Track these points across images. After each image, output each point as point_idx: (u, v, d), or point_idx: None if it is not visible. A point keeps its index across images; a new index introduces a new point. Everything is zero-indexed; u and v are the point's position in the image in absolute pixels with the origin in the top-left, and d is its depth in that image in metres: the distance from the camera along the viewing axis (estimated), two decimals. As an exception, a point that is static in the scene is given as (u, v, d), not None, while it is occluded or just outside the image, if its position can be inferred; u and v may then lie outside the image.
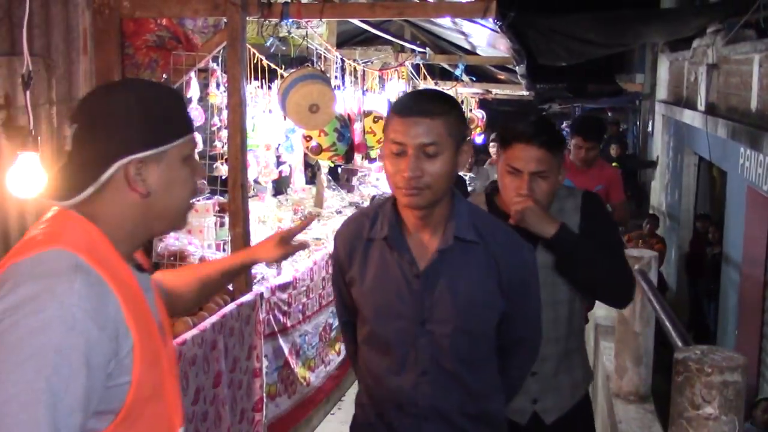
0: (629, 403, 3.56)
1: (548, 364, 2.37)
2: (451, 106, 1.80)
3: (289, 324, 4.22)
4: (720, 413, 1.93)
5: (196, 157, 1.54)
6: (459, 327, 1.86)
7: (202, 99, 4.24)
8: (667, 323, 2.66)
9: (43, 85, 3.34)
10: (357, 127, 5.54)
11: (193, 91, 4.06)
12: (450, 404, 1.90)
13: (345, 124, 5.19)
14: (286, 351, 4.18)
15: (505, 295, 1.89)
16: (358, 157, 5.97)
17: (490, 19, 3.79)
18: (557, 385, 2.40)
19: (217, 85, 4.34)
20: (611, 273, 2.32)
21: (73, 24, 3.50)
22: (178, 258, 3.97)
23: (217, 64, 4.25)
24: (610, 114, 20.58)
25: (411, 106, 1.77)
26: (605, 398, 3.91)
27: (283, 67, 4.97)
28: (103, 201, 1.36)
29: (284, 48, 5.03)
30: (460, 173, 5.56)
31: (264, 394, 3.74)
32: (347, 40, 8.03)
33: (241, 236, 3.58)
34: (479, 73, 11.30)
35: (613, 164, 8.51)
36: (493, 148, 7.70)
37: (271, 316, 3.96)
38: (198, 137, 3.30)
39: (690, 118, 9.05)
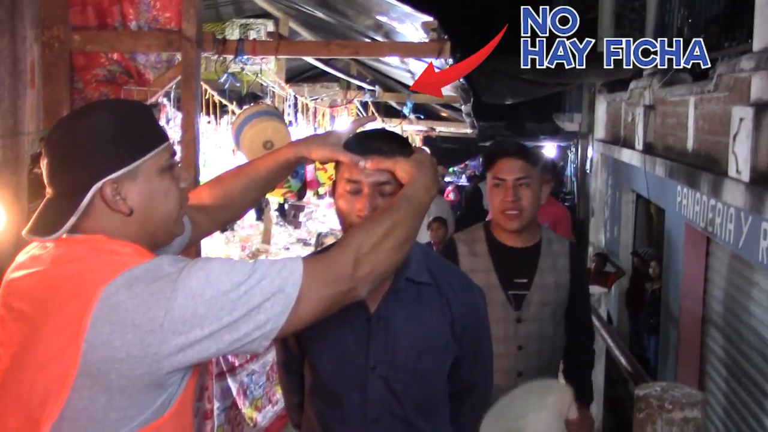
0: (581, 439, 3.58)
1: None
2: (404, 145, 1.78)
3: (237, 363, 4.14)
4: (681, 449, 1.96)
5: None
6: (411, 371, 1.82)
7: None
8: (623, 360, 2.71)
9: (-12, 119, 3.24)
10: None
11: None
12: None
13: (298, 160, 5.17)
14: (234, 391, 4.10)
15: (457, 338, 1.87)
16: (308, 194, 5.96)
17: (443, 60, 3.84)
18: None
19: (167, 121, 4.28)
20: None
21: (20, 57, 3.41)
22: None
23: (168, 100, 4.20)
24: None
25: (365, 145, 1.74)
26: (557, 435, 3.92)
27: (234, 102, 4.94)
28: (94, 226, 1.37)
29: (237, 84, 5.01)
30: None
31: (214, 437, 3.65)
32: (294, 76, 8.05)
33: (192, 274, 3.51)
34: (424, 110, 11.46)
35: None
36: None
37: (220, 356, 3.88)
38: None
39: (628, 156, 9.32)
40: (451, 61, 3.97)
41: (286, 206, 7.41)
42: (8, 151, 3.38)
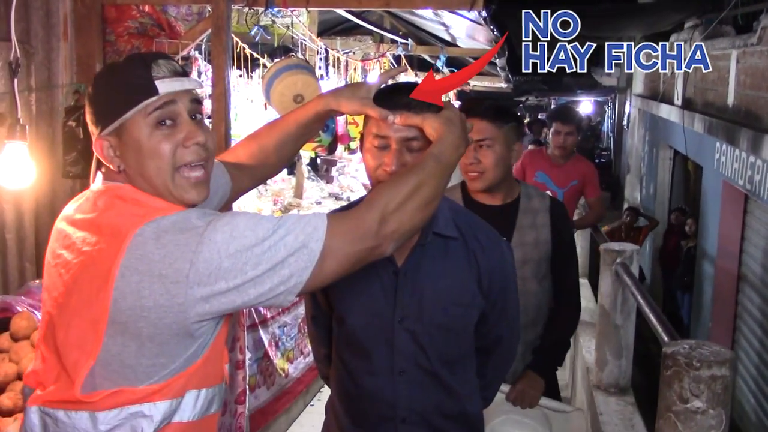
0: (610, 395, 3.58)
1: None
2: None
3: (268, 315, 4.20)
4: (708, 407, 1.95)
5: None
6: (437, 324, 1.82)
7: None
8: (652, 318, 2.69)
9: (23, 72, 3.27)
10: (340, 117, 5.52)
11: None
12: (428, 405, 1.86)
13: (329, 114, 5.17)
14: (266, 342, 4.16)
15: (484, 292, 1.87)
16: (339, 148, 5.95)
17: (476, 11, 3.77)
18: (521, 369, 2.57)
19: (198, 74, 4.29)
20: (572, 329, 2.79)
21: (53, 9, 3.43)
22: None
23: (199, 53, 4.20)
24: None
25: (394, 100, 1.71)
26: (585, 390, 3.94)
27: (266, 56, 4.92)
28: (116, 178, 1.44)
29: (268, 37, 4.98)
30: None
31: (246, 387, 3.72)
32: (327, 29, 7.98)
33: (224, 227, 3.55)
34: (457, 64, 11.28)
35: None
36: None
37: (252, 308, 3.94)
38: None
39: (666, 112, 9.14)
40: (484, 13, 3.90)
41: (319, 161, 7.42)
42: (43, 103, 3.42)
